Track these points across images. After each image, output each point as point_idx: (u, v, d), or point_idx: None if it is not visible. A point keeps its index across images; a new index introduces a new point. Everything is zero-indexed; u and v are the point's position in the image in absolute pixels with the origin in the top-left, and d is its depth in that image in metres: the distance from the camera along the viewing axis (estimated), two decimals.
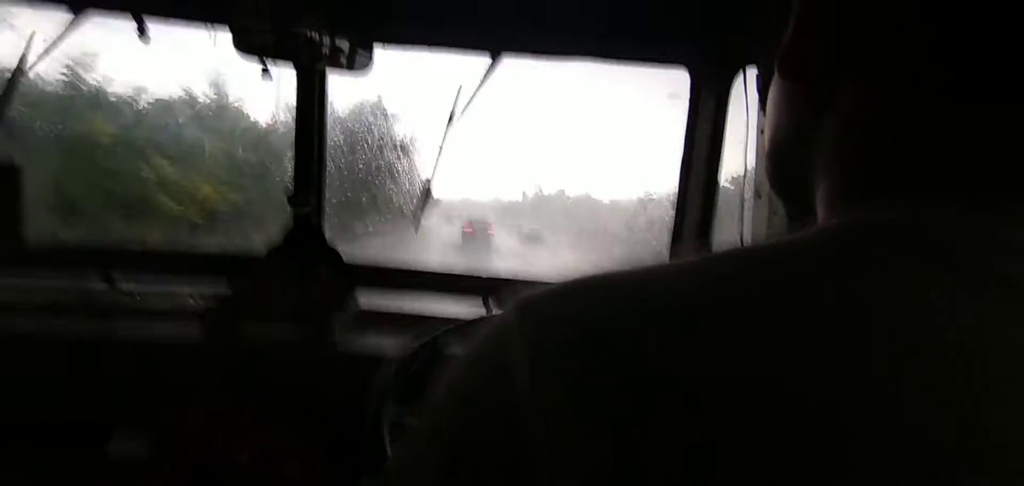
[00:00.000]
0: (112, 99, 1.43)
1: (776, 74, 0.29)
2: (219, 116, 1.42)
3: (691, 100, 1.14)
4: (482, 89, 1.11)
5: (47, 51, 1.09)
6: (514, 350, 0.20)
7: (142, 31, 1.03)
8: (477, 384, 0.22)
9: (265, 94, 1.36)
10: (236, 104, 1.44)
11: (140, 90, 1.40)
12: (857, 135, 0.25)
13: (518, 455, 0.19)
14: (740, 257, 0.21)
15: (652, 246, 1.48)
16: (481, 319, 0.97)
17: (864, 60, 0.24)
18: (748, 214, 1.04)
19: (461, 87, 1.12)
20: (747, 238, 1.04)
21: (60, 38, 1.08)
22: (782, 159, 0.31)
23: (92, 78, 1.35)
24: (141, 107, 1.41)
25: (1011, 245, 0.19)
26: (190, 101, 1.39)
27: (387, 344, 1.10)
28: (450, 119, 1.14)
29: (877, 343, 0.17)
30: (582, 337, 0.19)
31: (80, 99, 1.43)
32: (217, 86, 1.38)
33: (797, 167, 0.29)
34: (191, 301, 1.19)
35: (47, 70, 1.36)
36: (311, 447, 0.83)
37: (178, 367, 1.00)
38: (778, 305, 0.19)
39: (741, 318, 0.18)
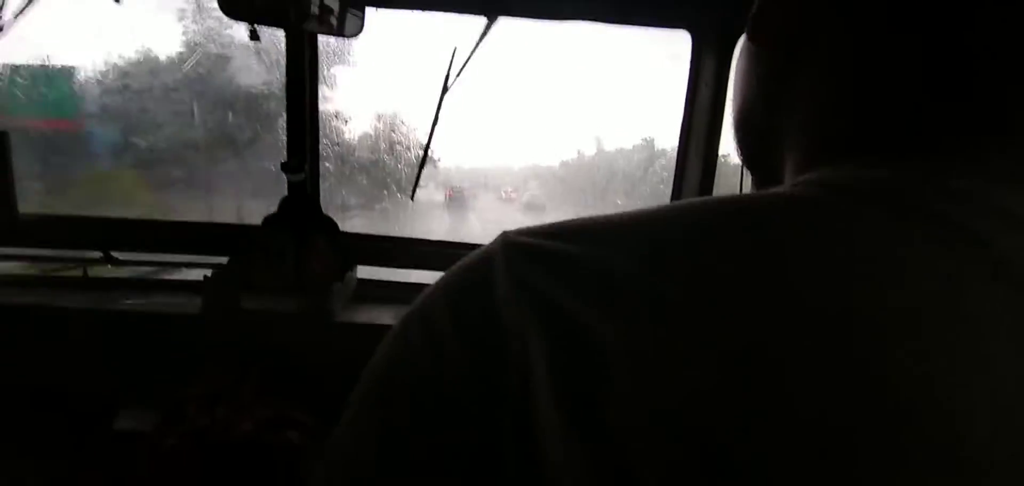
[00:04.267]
0: (98, 65, 1.38)
1: (745, 40, 0.29)
2: (208, 79, 1.38)
3: (692, 63, 1.11)
4: (477, 52, 1.08)
5: (23, 12, 1.05)
6: (499, 274, 0.20)
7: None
8: (455, 301, 0.22)
9: (255, 57, 1.32)
10: (226, 68, 1.40)
11: (123, 55, 1.35)
12: (824, 101, 0.25)
13: (491, 373, 0.19)
14: (719, 209, 0.21)
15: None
16: None
17: (832, 25, 0.24)
18: (748, 178, 1.03)
19: (455, 50, 1.09)
20: None
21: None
22: (750, 128, 0.30)
23: (74, 44, 1.30)
24: (126, 71, 1.37)
25: (980, 204, 0.19)
26: (178, 64, 1.35)
27: (385, 315, 1.10)
28: (445, 84, 1.11)
29: (849, 301, 0.17)
30: (564, 270, 0.19)
31: (63, 65, 1.39)
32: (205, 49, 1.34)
33: (766, 135, 0.29)
34: (188, 273, 1.19)
35: (25, 38, 1.32)
36: (312, 415, 0.85)
37: (178, 340, 1.01)
38: (751, 267, 0.18)
39: (719, 279, 0.18)
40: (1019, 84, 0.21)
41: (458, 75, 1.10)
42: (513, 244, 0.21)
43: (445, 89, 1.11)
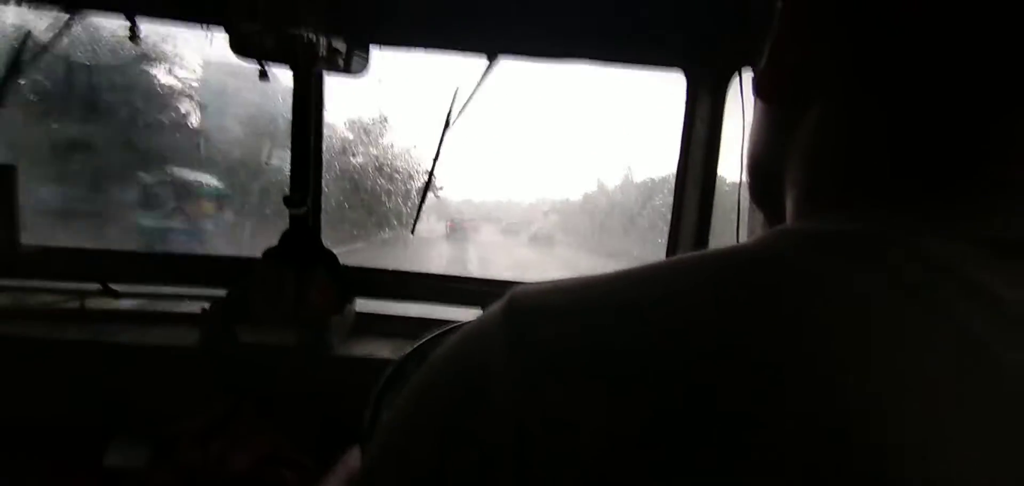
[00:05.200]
0: (107, 98, 1.42)
1: (753, 93, 0.31)
2: (217, 115, 1.42)
3: (687, 102, 1.14)
4: (479, 91, 1.11)
5: (42, 51, 1.09)
6: (497, 344, 0.21)
7: (134, 35, 1.03)
8: (454, 375, 0.23)
9: (261, 95, 1.35)
10: (233, 104, 1.44)
11: (135, 88, 1.39)
12: (816, 156, 0.27)
13: (487, 448, 0.19)
14: (701, 261, 0.22)
15: (650, 248, 1.49)
16: None
17: (826, 86, 0.26)
18: (744, 216, 1.04)
19: (458, 89, 1.12)
20: (744, 240, 1.05)
21: (55, 39, 1.08)
22: (758, 171, 0.33)
23: (87, 77, 1.34)
24: (135, 105, 1.40)
25: (939, 261, 0.19)
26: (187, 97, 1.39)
27: (383, 349, 1.09)
28: (447, 122, 1.14)
29: (797, 353, 0.18)
30: (565, 336, 0.20)
31: (74, 99, 1.42)
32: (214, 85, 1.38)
33: (771, 181, 0.31)
34: (187, 305, 1.18)
35: (42, 70, 1.36)
36: (308, 453, 0.83)
37: (174, 373, 1.00)
38: (710, 326, 0.19)
39: (678, 341, 0.19)
40: (994, 144, 0.22)
41: (460, 113, 1.13)
42: (515, 321, 0.22)
43: (446, 126, 1.14)
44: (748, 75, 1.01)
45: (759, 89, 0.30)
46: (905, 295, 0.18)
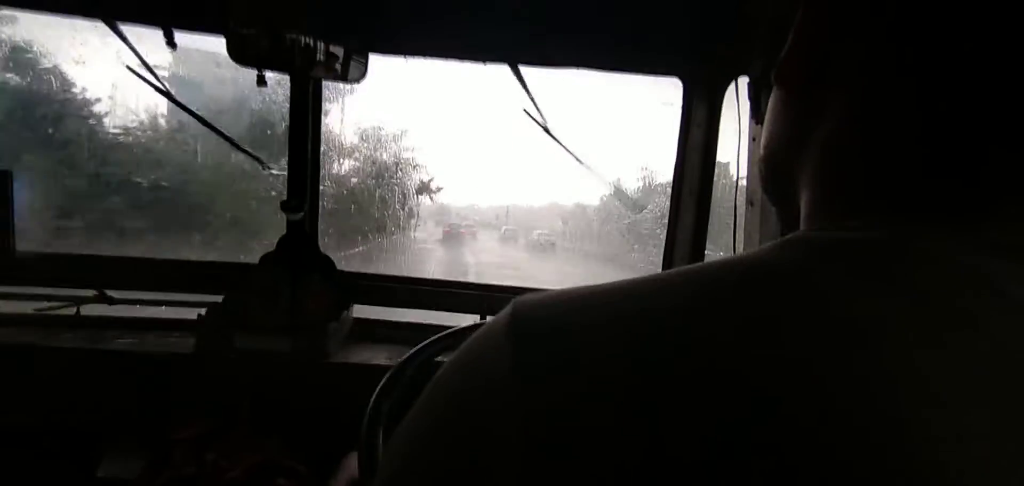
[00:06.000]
0: (102, 105, 1.42)
1: (773, 83, 0.30)
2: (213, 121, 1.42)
3: (684, 109, 1.15)
4: (477, 98, 1.11)
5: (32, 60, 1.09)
6: (501, 357, 0.20)
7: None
8: (460, 388, 0.22)
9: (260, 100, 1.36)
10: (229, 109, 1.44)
11: (129, 97, 1.39)
12: (838, 150, 0.25)
13: (492, 460, 0.19)
14: (712, 272, 0.21)
15: (648, 254, 1.49)
16: (475, 327, 0.96)
17: (850, 81, 0.25)
18: (741, 222, 1.05)
19: (456, 95, 1.13)
20: (740, 246, 1.05)
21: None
22: (773, 165, 0.31)
23: (82, 85, 1.34)
24: (131, 113, 1.40)
25: (972, 276, 0.19)
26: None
27: (380, 355, 1.09)
28: (445, 127, 1.14)
29: (842, 376, 0.17)
30: (568, 349, 0.20)
31: (70, 106, 1.42)
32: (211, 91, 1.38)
33: (785, 176, 0.29)
34: (184, 312, 1.18)
35: (36, 77, 1.36)
36: (303, 461, 0.82)
37: (170, 380, 0.99)
38: (748, 320, 0.18)
39: (718, 331, 0.18)
40: (1017, 152, 0.21)
41: (457, 120, 1.13)
42: (520, 339, 0.21)
43: (443, 131, 1.14)
44: (744, 82, 1.02)
45: (780, 75, 0.28)
46: (936, 311, 0.18)
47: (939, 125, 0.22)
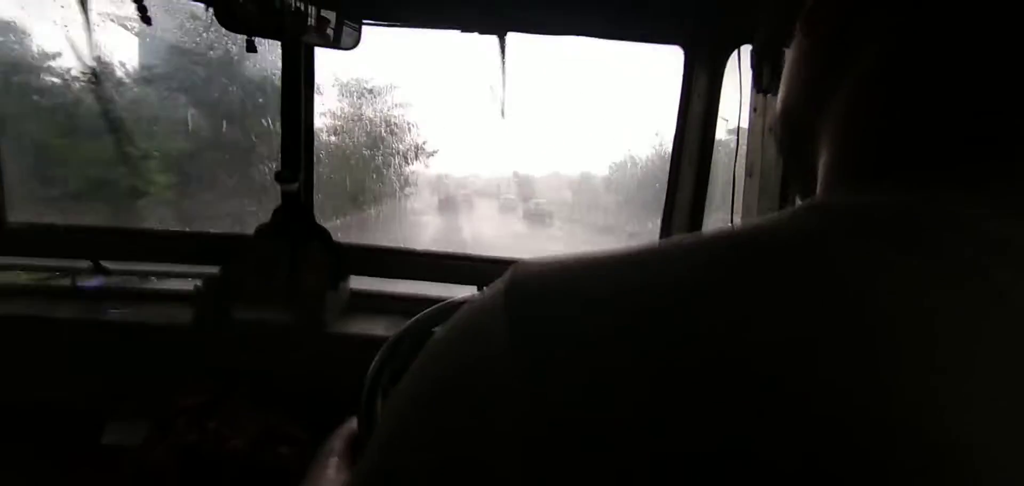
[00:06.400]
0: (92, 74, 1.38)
1: (798, 32, 0.28)
2: (205, 89, 1.38)
3: (684, 78, 1.12)
4: (474, 66, 1.09)
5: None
6: (498, 333, 0.20)
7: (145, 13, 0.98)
8: (458, 351, 0.22)
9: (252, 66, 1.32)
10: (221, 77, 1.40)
11: (121, 63, 1.35)
12: (859, 113, 0.24)
13: (489, 432, 0.18)
14: (722, 242, 0.20)
15: (646, 223, 1.49)
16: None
17: (882, 36, 0.23)
18: (739, 192, 1.04)
19: (455, 63, 1.10)
20: (738, 216, 1.05)
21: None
22: (790, 121, 0.30)
23: (74, 54, 1.30)
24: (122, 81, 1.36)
25: (997, 242, 0.18)
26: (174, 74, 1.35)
27: (378, 326, 1.10)
28: (443, 95, 1.12)
29: (862, 352, 0.16)
30: (567, 328, 0.19)
31: (60, 73, 1.38)
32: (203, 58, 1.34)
33: (803, 131, 0.28)
34: (180, 283, 1.18)
35: (27, 48, 1.31)
36: (304, 429, 0.84)
37: (168, 351, 1.00)
38: (757, 298, 0.18)
39: (725, 312, 0.18)
40: None
41: (455, 88, 1.11)
42: (517, 307, 0.20)
43: (441, 99, 1.12)
44: (746, 52, 1.00)
45: (806, 24, 0.27)
46: (960, 282, 0.17)
47: (974, 87, 0.21)
